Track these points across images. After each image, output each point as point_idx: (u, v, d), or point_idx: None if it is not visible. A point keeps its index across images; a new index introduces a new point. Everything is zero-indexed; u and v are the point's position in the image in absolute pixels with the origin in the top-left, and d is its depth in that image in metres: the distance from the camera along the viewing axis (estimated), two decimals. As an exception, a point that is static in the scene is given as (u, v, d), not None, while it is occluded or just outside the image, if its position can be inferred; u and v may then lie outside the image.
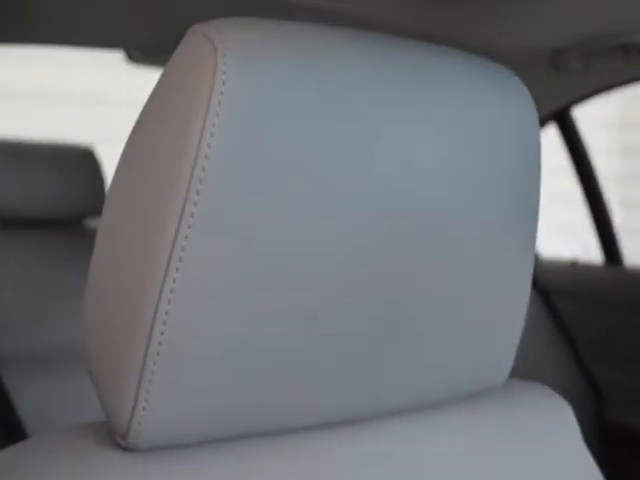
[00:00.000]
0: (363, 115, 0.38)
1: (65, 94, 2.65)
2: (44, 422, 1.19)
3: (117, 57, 2.71)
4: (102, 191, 1.37)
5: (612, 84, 1.34)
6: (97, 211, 1.37)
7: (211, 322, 0.35)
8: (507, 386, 0.53)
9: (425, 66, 0.41)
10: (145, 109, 0.38)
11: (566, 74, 1.30)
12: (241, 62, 0.34)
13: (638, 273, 1.49)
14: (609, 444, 1.54)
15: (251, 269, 0.36)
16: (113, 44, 1.26)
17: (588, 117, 4.11)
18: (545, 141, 3.86)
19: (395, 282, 0.40)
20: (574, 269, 1.61)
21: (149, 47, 1.27)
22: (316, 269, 0.37)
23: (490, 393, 0.51)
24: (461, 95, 0.41)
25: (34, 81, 2.59)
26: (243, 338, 0.36)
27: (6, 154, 1.30)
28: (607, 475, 1.54)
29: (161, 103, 0.36)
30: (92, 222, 1.51)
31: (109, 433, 0.39)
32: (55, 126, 2.62)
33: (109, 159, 2.50)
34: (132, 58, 1.36)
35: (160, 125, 0.36)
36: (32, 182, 1.30)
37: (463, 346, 0.44)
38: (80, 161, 1.36)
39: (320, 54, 0.37)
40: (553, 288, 1.62)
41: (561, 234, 3.98)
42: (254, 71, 0.35)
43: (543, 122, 1.53)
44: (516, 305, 0.47)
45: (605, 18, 1.01)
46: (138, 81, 2.73)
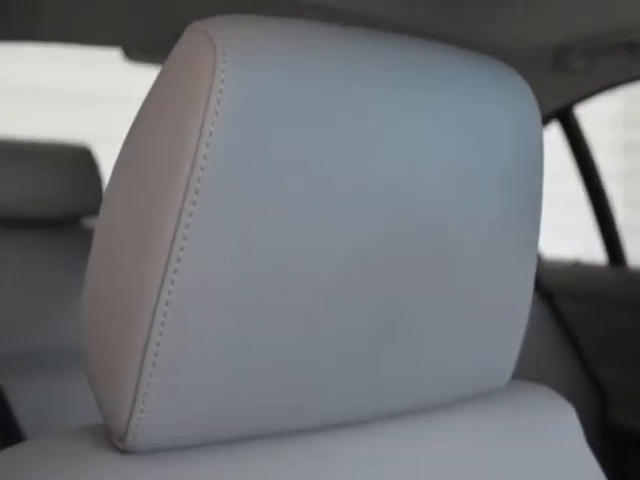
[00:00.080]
0: (365, 114, 0.37)
1: (63, 92, 2.65)
2: (41, 423, 1.18)
3: (115, 55, 2.71)
4: (99, 190, 1.37)
5: (616, 82, 1.34)
6: (94, 210, 1.37)
7: (209, 323, 0.35)
8: (509, 388, 0.52)
9: (427, 64, 0.40)
10: (143, 107, 0.37)
11: (569, 72, 1.29)
12: (241, 60, 0.34)
13: (641, 273, 1.48)
14: (613, 446, 1.53)
15: (250, 269, 0.35)
16: (111, 42, 1.26)
17: (592, 115, 4.11)
18: (547, 143, 3.85)
19: (395, 281, 0.39)
20: (577, 269, 1.60)
21: (147, 45, 1.27)
22: (315, 268, 0.37)
23: (492, 395, 0.50)
24: (463, 93, 0.41)
25: (31, 79, 2.59)
26: (242, 338, 0.36)
27: (1, 152, 1.29)
28: (610, 477, 1.54)
29: (159, 101, 0.36)
30: (90, 222, 1.50)
31: (107, 435, 0.39)
32: (53, 124, 2.62)
33: (107, 158, 2.50)
34: (130, 56, 1.36)
35: (158, 124, 0.35)
36: (28, 181, 1.30)
37: (464, 347, 0.44)
38: (77, 160, 1.35)
39: (321, 52, 0.37)
40: (556, 288, 1.62)
41: (562, 236, 3.97)
42: (254, 69, 0.34)
43: (546, 121, 1.53)
44: (518, 305, 0.46)
45: (608, 15, 1.01)
46: (137, 79, 2.73)
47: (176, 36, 1.20)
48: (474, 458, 0.45)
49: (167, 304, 0.34)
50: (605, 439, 1.55)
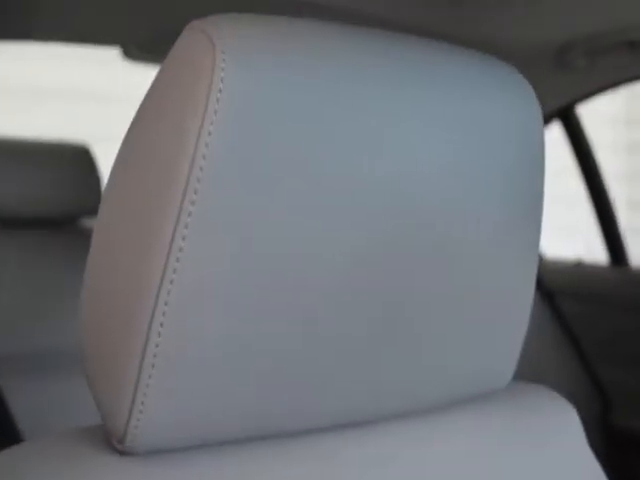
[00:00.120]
0: (365, 113, 0.37)
1: (61, 91, 2.65)
2: (40, 424, 1.18)
3: (114, 53, 2.71)
4: (98, 190, 1.36)
5: (618, 81, 1.34)
6: (93, 210, 1.36)
7: (209, 323, 0.35)
8: (511, 388, 0.52)
9: (428, 63, 0.40)
10: (142, 106, 0.37)
11: (570, 71, 1.29)
12: (240, 59, 0.34)
13: (643, 273, 1.48)
14: (615, 447, 1.53)
15: (250, 269, 0.35)
16: (110, 40, 1.25)
17: (593, 114, 4.10)
18: (548, 142, 3.85)
19: (395, 281, 0.39)
20: (579, 270, 1.60)
21: (146, 44, 1.27)
22: (315, 268, 0.37)
23: (494, 396, 0.50)
24: (464, 92, 0.41)
25: (30, 77, 2.59)
26: (241, 339, 0.36)
27: None
28: (612, 479, 1.54)
29: (158, 100, 0.36)
30: (89, 221, 1.49)
31: (105, 436, 0.38)
32: (52, 123, 2.61)
33: (107, 157, 2.50)
34: (129, 55, 1.36)
35: (157, 123, 0.35)
36: (25, 180, 1.29)
37: (465, 347, 0.44)
38: (75, 159, 1.34)
39: (320, 51, 0.36)
40: (557, 289, 1.61)
41: (564, 235, 3.97)
42: (253, 68, 0.34)
43: (547, 120, 1.53)
44: (519, 306, 0.46)
45: (610, 14, 1.01)
46: (137, 78, 2.73)
47: (175, 35, 1.20)
48: (476, 459, 0.45)
49: (166, 304, 0.34)
50: (607, 440, 1.54)
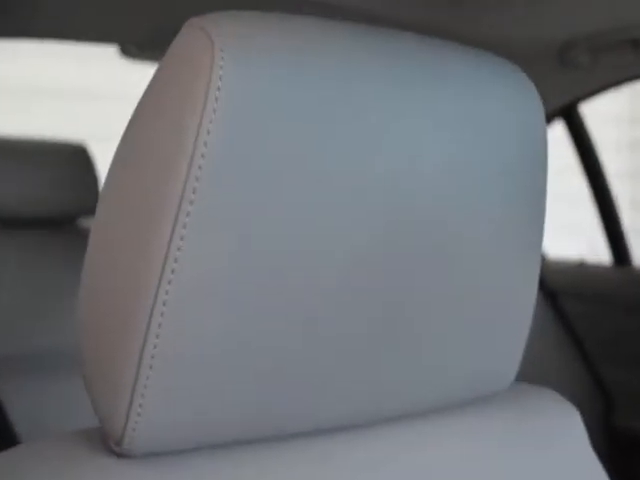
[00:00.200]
0: (364, 110, 0.37)
1: (59, 89, 2.65)
2: (37, 427, 1.18)
3: (112, 52, 2.71)
4: (96, 189, 1.35)
5: (621, 79, 1.33)
6: (91, 210, 1.36)
7: (207, 324, 0.35)
8: (513, 390, 0.52)
9: (430, 61, 0.40)
10: (140, 104, 0.37)
11: (573, 69, 1.29)
12: (239, 56, 0.34)
13: (647, 273, 1.47)
14: (618, 449, 1.53)
15: (249, 269, 0.35)
16: (108, 38, 1.25)
17: (597, 112, 4.09)
18: (551, 140, 3.85)
19: (395, 280, 0.39)
20: (582, 270, 1.59)
21: (144, 41, 1.26)
22: (314, 267, 0.36)
23: (495, 397, 0.50)
24: (466, 90, 0.40)
25: (28, 76, 2.59)
26: (240, 340, 0.36)
27: None
28: None
29: (157, 98, 0.36)
30: (86, 221, 1.49)
31: (103, 439, 0.38)
32: (50, 122, 2.61)
33: (106, 156, 2.49)
34: (127, 53, 1.35)
35: (155, 121, 0.35)
36: (23, 180, 1.29)
37: (466, 348, 0.43)
38: (72, 158, 1.34)
39: (319, 48, 0.36)
40: (560, 289, 1.61)
41: (567, 234, 3.96)
42: (252, 66, 0.34)
43: (550, 118, 1.52)
44: (522, 306, 0.46)
45: (613, 12, 1.00)
46: (135, 76, 2.73)
47: (173, 33, 1.20)
48: (477, 461, 0.45)
49: (164, 304, 0.34)
50: (610, 442, 1.54)
